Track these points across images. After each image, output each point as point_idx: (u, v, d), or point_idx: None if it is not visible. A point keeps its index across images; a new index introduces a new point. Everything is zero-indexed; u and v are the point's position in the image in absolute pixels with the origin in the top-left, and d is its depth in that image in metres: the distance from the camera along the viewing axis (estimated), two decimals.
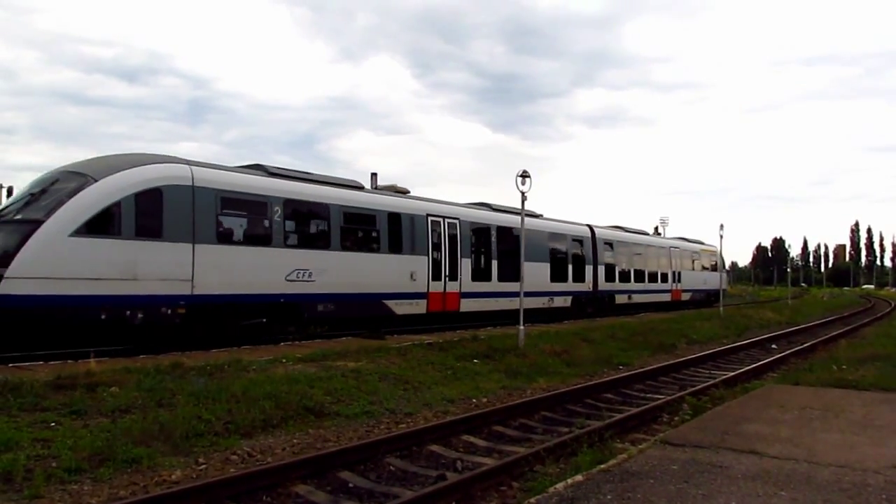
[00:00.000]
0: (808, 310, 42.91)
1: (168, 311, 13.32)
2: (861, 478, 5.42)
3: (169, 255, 13.31)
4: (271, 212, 15.38)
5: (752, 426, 7.38)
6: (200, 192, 13.90)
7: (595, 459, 6.44)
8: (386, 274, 18.31)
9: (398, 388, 10.88)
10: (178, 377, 9.79)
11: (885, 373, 11.82)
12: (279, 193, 15.69)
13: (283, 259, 15.59)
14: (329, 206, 16.86)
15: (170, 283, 13.34)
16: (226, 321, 14.57)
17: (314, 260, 16.25)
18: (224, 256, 14.30)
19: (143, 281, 12.90)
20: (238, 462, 7.10)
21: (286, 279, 15.54)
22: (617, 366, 15.23)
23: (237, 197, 14.81)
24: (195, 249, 13.69)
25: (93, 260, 12.26)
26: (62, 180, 12.87)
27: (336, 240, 16.98)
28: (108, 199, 12.56)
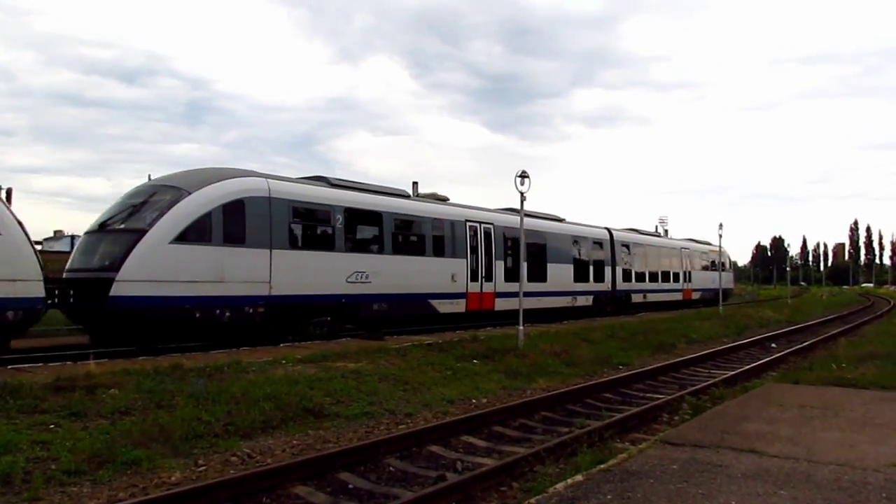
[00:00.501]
0: (807, 308, 42.91)
1: (250, 310, 14.85)
2: (861, 476, 5.42)
3: (250, 260, 14.87)
4: (334, 219, 17.05)
5: (752, 425, 7.38)
6: (276, 203, 15.52)
7: (595, 459, 6.44)
8: (430, 276, 19.82)
9: (398, 389, 10.87)
10: (178, 379, 9.78)
11: (884, 371, 11.82)
12: (340, 202, 17.32)
13: (344, 262, 17.18)
14: (382, 214, 18.46)
15: (251, 284, 14.88)
16: (297, 319, 16.00)
17: (370, 263, 17.86)
18: (296, 260, 15.86)
19: (229, 283, 14.42)
20: (238, 463, 7.08)
21: (347, 281, 17.15)
22: (617, 366, 15.22)
23: (306, 206, 16.50)
24: (272, 254, 15.26)
25: (188, 265, 13.77)
26: (159, 193, 14.45)
27: (388, 244, 18.65)
28: (201, 210, 14.09)
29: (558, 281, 25.49)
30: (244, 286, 14.74)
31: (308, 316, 16.30)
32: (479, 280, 21.41)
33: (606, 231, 30.52)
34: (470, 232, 21.44)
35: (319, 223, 16.99)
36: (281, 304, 15.43)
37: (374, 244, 18.38)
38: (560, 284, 25.63)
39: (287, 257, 15.61)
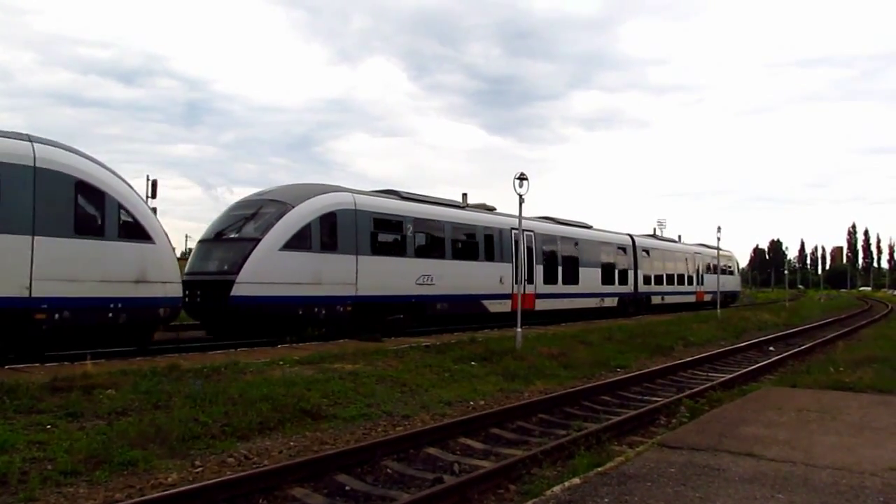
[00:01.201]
0: (805, 312, 42.95)
1: (340, 309, 17.15)
2: (858, 480, 5.42)
3: (341, 265, 17.20)
4: (405, 229, 19.40)
5: (750, 428, 7.38)
6: (360, 215, 17.86)
7: (592, 462, 6.43)
8: (483, 278, 22.12)
9: (395, 391, 10.86)
10: (175, 379, 9.77)
11: (881, 375, 11.83)
12: (410, 213, 19.67)
13: (414, 267, 19.49)
14: (444, 223, 20.86)
15: (342, 286, 17.20)
16: (377, 316, 18.10)
17: (434, 267, 20.04)
18: (376, 265, 18.13)
19: (325, 284, 16.74)
20: (234, 465, 7.07)
21: (416, 283, 19.43)
22: (614, 368, 15.22)
23: (383, 217, 18.81)
24: (357, 260, 17.55)
25: (293, 269, 16.00)
26: (266, 206, 16.76)
27: (449, 251, 20.94)
28: (302, 222, 16.38)
29: (589, 283, 28.00)
30: (336, 287, 17.08)
31: (385, 313, 18.45)
32: (522, 282, 22.88)
33: (629, 237, 32.88)
34: (514, 239, 23.21)
35: (394, 232, 19.22)
36: (364, 304, 17.74)
37: (437, 251, 20.50)
38: (590, 287, 28.14)
39: (369, 262, 17.91)
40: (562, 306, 25.96)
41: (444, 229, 20.78)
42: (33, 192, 11.47)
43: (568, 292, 26.36)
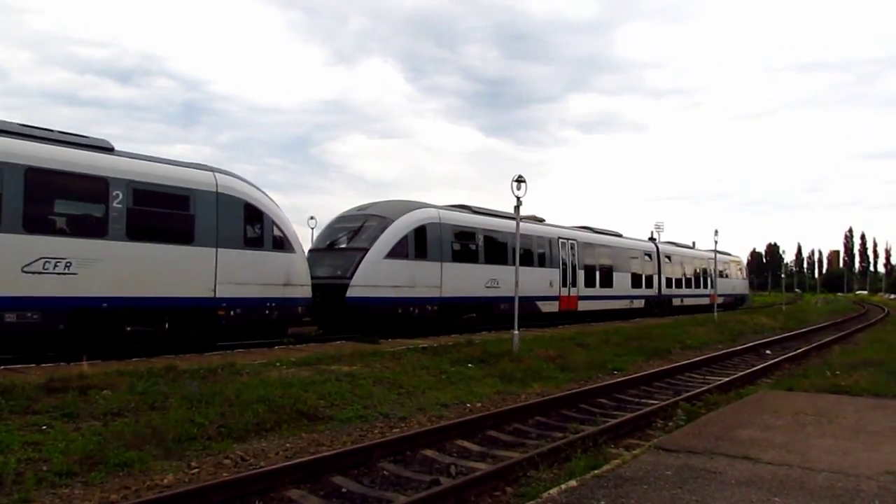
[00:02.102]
0: (802, 315, 43.00)
1: (429, 308, 19.96)
2: (854, 483, 5.42)
3: (430, 271, 19.97)
4: (477, 239, 22.33)
5: (746, 432, 7.38)
6: (443, 227, 20.71)
7: (589, 465, 6.43)
8: (537, 282, 24.64)
9: (392, 393, 10.85)
10: (172, 380, 9.75)
11: (878, 378, 11.84)
12: (481, 226, 22.70)
13: (484, 272, 22.23)
14: (506, 234, 22.77)
15: (430, 288, 19.93)
16: (456, 315, 20.83)
17: (499, 272, 22.52)
18: (456, 270, 20.80)
19: (417, 287, 19.50)
20: (231, 466, 7.06)
21: (485, 286, 22.21)
22: (612, 371, 15.22)
23: (461, 229, 21.74)
24: (442, 266, 20.32)
25: (394, 274, 18.78)
26: (370, 220, 19.63)
27: (511, 258, 22.15)
28: (401, 234, 19.20)
29: (621, 287, 31.07)
30: (426, 290, 19.83)
31: (462, 312, 21.26)
32: (567, 286, 26.54)
33: (653, 244, 36.42)
34: (560, 246, 26.52)
35: (469, 242, 22.05)
36: (447, 304, 20.46)
37: (501, 258, 22.91)
38: (622, 290, 31.23)
39: (451, 268, 20.63)
40: (599, 307, 29.08)
41: (508, 239, 22.74)
42: (216, 213, 14.19)
43: (604, 294, 29.56)
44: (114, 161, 12.88)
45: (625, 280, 31.53)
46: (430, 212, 20.68)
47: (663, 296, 35.88)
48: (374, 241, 18.66)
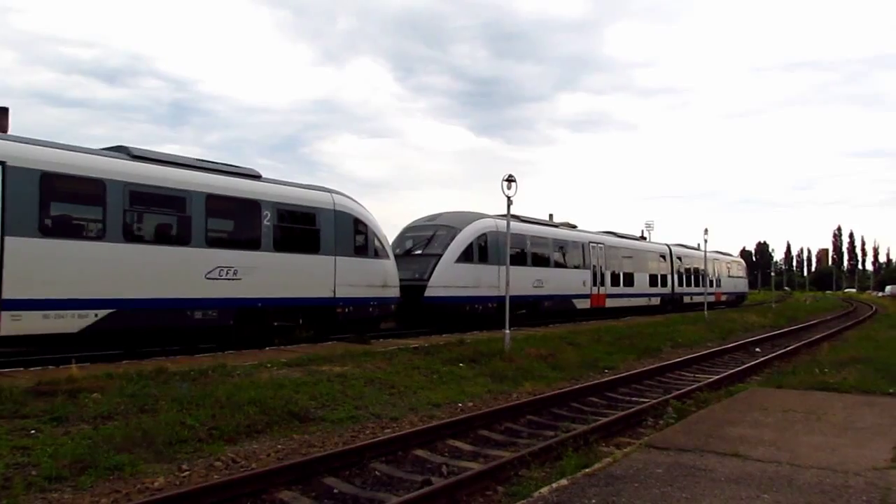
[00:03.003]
0: (791, 313, 43.23)
1: (490, 305, 22.93)
2: (842, 480, 5.47)
3: (490, 273, 23.08)
4: (526, 245, 25.51)
5: (736, 429, 7.43)
6: (500, 235, 22.75)
7: (580, 463, 6.45)
8: (573, 282, 28.47)
9: (384, 393, 10.84)
10: (162, 383, 9.70)
11: (865, 375, 11.94)
12: (528, 233, 25.96)
13: (532, 273, 25.55)
14: (549, 240, 27.25)
15: (491, 288, 22.95)
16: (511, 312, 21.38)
17: (543, 274, 26.25)
18: (512, 273, 21.14)
19: (481, 287, 22.70)
20: (222, 468, 7.04)
21: (532, 286, 25.53)
22: (603, 369, 15.27)
23: (513, 236, 22.77)
24: (499, 269, 22.36)
25: (463, 276, 21.98)
26: (440, 230, 22.74)
27: (552, 261, 27.26)
28: (467, 241, 22.46)
29: (641, 286, 34.60)
30: (488, 290, 22.91)
31: (515, 310, 22.38)
32: (597, 285, 30.05)
33: (667, 247, 39.51)
34: (590, 250, 29.85)
35: (520, 247, 24.78)
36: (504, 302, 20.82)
37: (544, 261, 26.60)
38: (642, 288, 34.77)
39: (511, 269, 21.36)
40: (623, 304, 32.35)
41: (549, 244, 27.08)
42: (334, 227, 16.95)
43: (627, 293, 33.06)
44: (263, 186, 15.63)
45: (644, 279, 34.99)
46: (489, 221, 23.81)
47: (676, 294, 39.23)
48: (446, 248, 21.92)
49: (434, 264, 21.37)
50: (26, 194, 11.37)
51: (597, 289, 29.98)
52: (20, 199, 11.29)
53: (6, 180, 11.14)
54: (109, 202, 12.52)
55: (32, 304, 11.36)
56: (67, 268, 11.86)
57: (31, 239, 11.44)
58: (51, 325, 11.60)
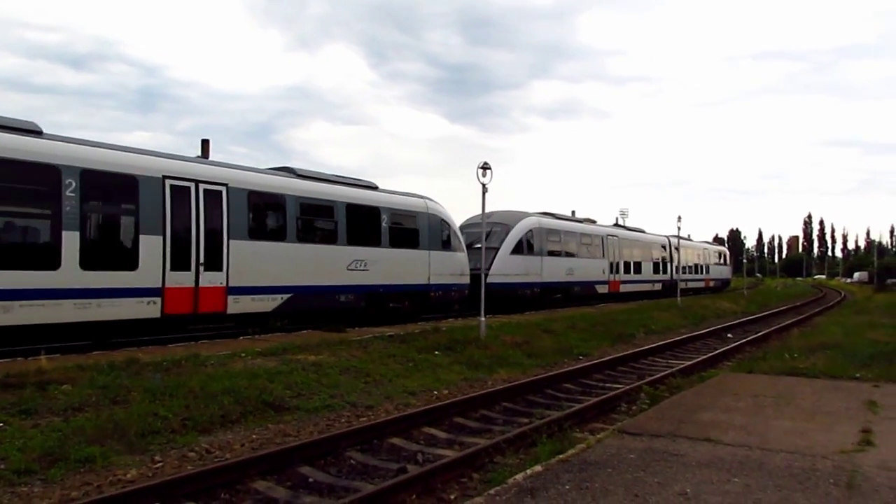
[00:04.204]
0: (762, 299, 43.93)
1: (536, 290, 27.45)
2: (811, 463, 5.57)
3: (535, 263, 27.41)
4: (561, 238, 29.87)
5: (708, 414, 7.53)
6: (542, 230, 28.12)
7: (554, 450, 6.50)
8: (595, 270, 32.61)
9: (359, 382, 10.82)
10: (134, 373, 9.58)
11: (834, 361, 12.16)
12: (563, 228, 30.50)
13: (565, 263, 29.89)
14: (577, 234, 31.59)
15: (535, 275, 27.27)
16: (548, 296, 28.25)
17: (573, 263, 30.63)
18: (550, 262, 28.43)
19: (529, 275, 26.86)
20: (195, 459, 6.98)
21: (565, 274, 29.79)
22: (577, 356, 15.39)
23: (551, 231, 29.14)
24: (542, 259, 27.81)
25: (515, 265, 26.11)
26: (496, 227, 26.16)
27: (579, 252, 31.44)
28: (518, 236, 26.59)
29: (647, 273, 38.75)
30: (534, 277, 27.19)
31: (552, 294, 28.64)
32: (613, 273, 34.23)
33: (666, 238, 43.04)
34: (607, 242, 33.99)
35: (556, 240, 29.33)
36: (544, 287, 28.03)
37: (574, 252, 30.83)
38: (648, 275, 38.88)
39: (547, 261, 28.19)
40: (633, 289, 36.26)
41: (577, 238, 31.33)
42: (428, 226, 20.86)
43: (636, 279, 37.12)
44: (380, 195, 19.58)
45: (649, 267, 39.20)
46: (533, 219, 28.05)
47: (674, 280, 42.07)
48: (502, 243, 25.87)
49: (493, 256, 24.94)
50: (240, 208, 15.08)
51: (613, 276, 34.34)
52: (236, 212, 14.94)
53: (229, 198, 14.79)
54: (288, 212, 16.39)
55: (245, 290, 15.08)
56: (264, 262, 15.56)
57: (243, 241, 15.05)
58: (256, 305, 15.42)
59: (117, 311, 12.78)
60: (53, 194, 11.99)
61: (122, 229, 13.46)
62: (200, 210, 14.22)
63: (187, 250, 13.94)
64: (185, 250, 13.89)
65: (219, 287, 14.46)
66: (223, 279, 14.55)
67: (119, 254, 13.16)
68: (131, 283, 12.99)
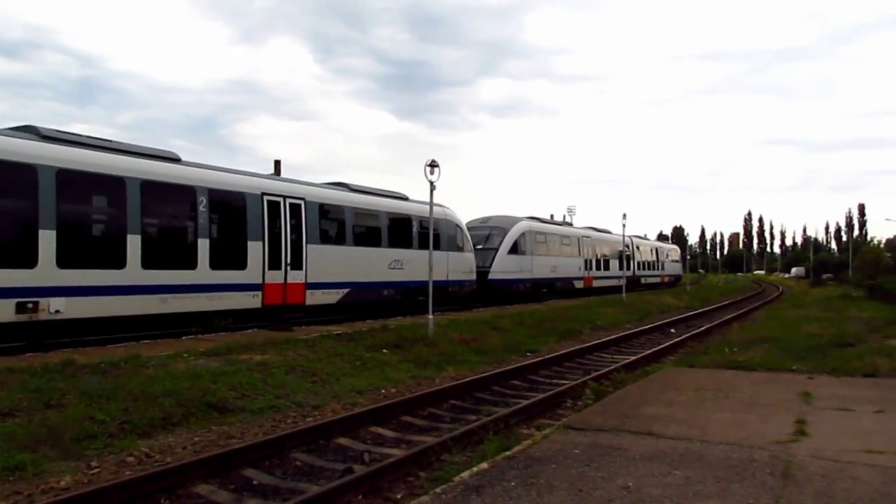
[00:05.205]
0: (705, 294, 45.08)
1: (527, 285, 31.24)
2: (748, 454, 5.72)
3: (527, 262, 31.21)
4: (548, 240, 33.94)
5: (651, 408, 7.67)
6: (533, 233, 32.21)
7: (501, 446, 6.51)
8: (573, 267, 37.15)
9: (306, 381, 10.69)
10: (70, 376, 9.26)
11: (771, 354, 12.56)
12: (549, 231, 34.76)
13: (550, 261, 33.92)
14: (559, 236, 35.92)
15: (527, 272, 31.13)
16: (537, 290, 32.04)
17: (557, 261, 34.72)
18: (539, 261, 32.44)
19: (522, 272, 30.70)
20: (135, 464, 6.79)
21: (550, 270, 33.89)
22: (525, 353, 15.51)
23: (540, 233, 33.20)
24: (532, 258, 31.70)
25: (511, 264, 29.79)
26: (494, 231, 30.33)
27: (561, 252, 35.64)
28: (514, 239, 30.29)
29: (613, 270, 42.80)
30: (525, 273, 31.05)
31: (540, 288, 32.49)
32: (587, 270, 38.87)
33: (630, 238, 47.04)
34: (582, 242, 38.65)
35: (544, 242, 33.38)
36: (534, 283, 31.95)
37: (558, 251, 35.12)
38: (614, 272, 42.62)
39: (537, 259, 32.16)
40: (602, 284, 40.40)
41: (559, 239, 35.57)
42: (446, 231, 24.07)
43: (605, 275, 41.49)
44: (410, 205, 22.87)
45: (615, 264, 42.91)
46: (525, 223, 31.92)
47: (635, 276, 48.15)
48: (501, 244, 29.67)
49: (493, 256, 29.03)
50: (314, 218, 18.40)
51: (587, 273, 38.81)
52: (311, 222, 18.27)
53: (306, 211, 18.06)
54: (346, 221, 19.80)
55: (318, 286, 18.36)
56: (331, 262, 18.81)
57: (316, 245, 18.38)
58: (325, 298, 18.64)
59: (233, 302, 15.89)
60: (191, 210, 15.17)
61: (236, 237, 16.30)
62: (287, 220, 17.48)
63: (279, 253, 17.17)
64: (277, 253, 17.12)
65: (300, 283, 17.82)
66: (303, 276, 17.89)
67: (235, 257, 16.13)
68: (242, 280, 16.19)
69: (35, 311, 11.98)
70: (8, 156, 11.88)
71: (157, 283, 14.14)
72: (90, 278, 12.98)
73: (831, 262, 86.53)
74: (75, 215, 13.15)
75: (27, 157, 12.17)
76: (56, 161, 12.55)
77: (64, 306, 12.39)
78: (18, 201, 12.25)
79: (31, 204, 12.13)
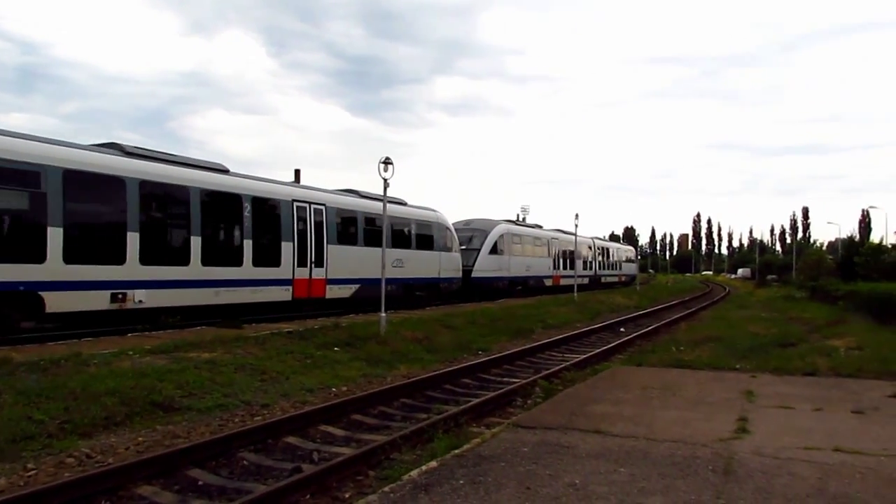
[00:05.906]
0: (654, 294, 45.96)
1: (505, 283, 33.96)
2: (692, 451, 5.85)
3: (505, 261, 33.98)
4: (523, 241, 36.93)
5: (599, 406, 7.78)
6: (511, 235, 35.09)
7: (450, 445, 6.51)
8: (544, 267, 40.23)
9: (255, 379, 10.54)
10: (6, 374, 8.93)
11: (717, 353, 12.87)
12: (524, 234, 38.15)
13: (525, 261, 36.70)
14: (531, 237, 39.01)
15: (505, 271, 33.91)
16: (514, 287, 34.81)
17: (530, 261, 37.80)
18: (515, 260, 35.17)
19: (501, 271, 33.51)
20: (74, 465, 6.59)
21: (525, 269, 36.79)
22: (476, 351, 15.58)
23: (517, 235, 36.22)
24: (510, 258, 34.45)
25: (492, 263, 32.63)
26: (476, 233, 32.90)
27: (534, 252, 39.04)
28: (493, 240, 33.02)
29: (578, 269, 42.56)
30: (504, 272, 33.86)
31: (516, 286, 35.27)
32: (556, 269, 42.04)
33: (592, 240, 52.67)
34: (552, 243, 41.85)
35: (521, 243, 36.58)
36: (511, 281, 34.83)
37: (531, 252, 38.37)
38: (579, 271, 42.55)
39: (514, 259, 34.95)
40: (568, 283, 40.25)
41: (532, 240, 38.53)
42: (438, 233, 27.08)
43: (570, 274, 42.01)
44: (409, 210, 25.73)
45: (580, 264, 44.58)
46: (504, 226, 35.07)
47: (597, 275, 52.22)
48: (482, 245, 32.28)
49: (476, 256, 31.61)
50: (333, 221, 20.94)
51: (556, 272, 41.71)
52: (331, 224, 20.79)
53: (326, 214, 20.55)
54: (358, 223, 22.29)
55: (337, 281, 20.79)
56: (346, 261, 21.26)
57: (335, 245, 20.88)
58: (341, 292, 21.01)
59: (270, 295, 18.30)
60: (238, 215, 17.45)
61: (273, 238, 18.60)
62: (311, 223, 19.91)
63: (305, 252, 19.55)
64: (303, 252, 19.49)
65: (322, 279, 20.22)
66: (324, 273, 20.31)
67: (271, 255, 18.44)
68: (277, 276, 18.54)
69: (124, 300, 14.30)
70: (105, 170, 14.20)
71: (212, 278, 16.45)
72: (164, 273, 15.27)
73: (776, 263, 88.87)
74: (154, 219, 15.47)
75: (117, 170, 14.51)
76: (138, 174, 14.88)
77: (145, 297, 14.76)
78: (112, 208, 14.51)
79: (121, 210, 14.46)
